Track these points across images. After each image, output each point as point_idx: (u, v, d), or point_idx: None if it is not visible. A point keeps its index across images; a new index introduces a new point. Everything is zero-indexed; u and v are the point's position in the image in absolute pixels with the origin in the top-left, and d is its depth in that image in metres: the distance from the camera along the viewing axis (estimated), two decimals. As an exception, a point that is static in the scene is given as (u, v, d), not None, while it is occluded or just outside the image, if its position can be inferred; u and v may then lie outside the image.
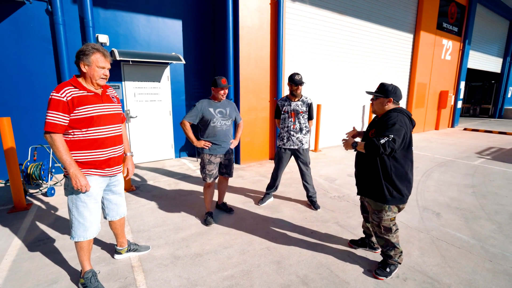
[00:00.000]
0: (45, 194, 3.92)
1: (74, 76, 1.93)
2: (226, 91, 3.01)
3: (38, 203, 3.68)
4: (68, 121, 1.82)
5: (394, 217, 2.21)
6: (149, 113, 5.67)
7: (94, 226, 2.03)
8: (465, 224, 3.19)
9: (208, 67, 6.19)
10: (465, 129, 11.43)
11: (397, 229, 2.23)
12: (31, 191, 4.02)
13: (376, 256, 2.55)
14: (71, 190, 1.91)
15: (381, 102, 2.17)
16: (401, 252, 2.28)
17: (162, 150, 5.99)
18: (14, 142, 3.35)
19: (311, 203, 3.65)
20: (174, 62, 5.43)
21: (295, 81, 3.32)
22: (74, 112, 1.82)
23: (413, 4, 8.98)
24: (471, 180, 4.76)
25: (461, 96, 12.19)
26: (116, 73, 5.13)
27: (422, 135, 9.93)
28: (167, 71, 5.72)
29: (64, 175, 1.96)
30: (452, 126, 12.03)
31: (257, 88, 5.76)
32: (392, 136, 1.93)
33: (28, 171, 3.75)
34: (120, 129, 2.14)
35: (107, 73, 1.98)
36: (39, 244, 2.73)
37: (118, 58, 4.60)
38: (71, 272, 2.32)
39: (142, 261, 2.48)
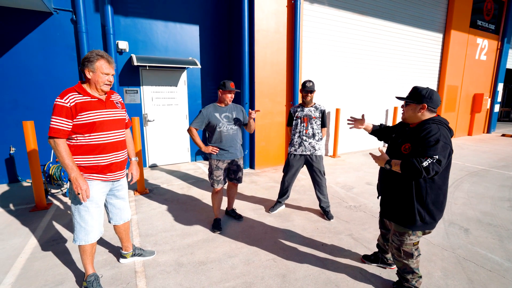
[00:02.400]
0: (64, 195, 4.10)
1: (79, 82, 1.96)
2: (233, 95, 2.96)
3: (58, 203, 3.85)
4: (71, 127, 1.85)
5: (418, 242, 1.95)
6: (166, 117, 5.78)
7: (95, 231, 2.04)
8: (499, 243, 2.84)
9: (225, 71, 6.21)
10: (503, 135, 10.46)
11: (419, 254, 1.98)
12: (53, 191, 4.22)
13: (391, 274, 2.33)
14: (73, 194, 1.94)
15: (413, 109, 1.84)
16: (420, 276, 2.03)
17: (178, 154, 6.08)
18: (37, 144, 3.53)
19: (324, 213, 3.47)
20: (191, 66, 5.51)
21: (305, 88, 3.23)
22: (77, 117, 1.85)
23: (443, 2, 8.43)
24: (508, 193, 4.29)
25: (499, 99, 11.21)
26: (135, 78, 5.30)
27: (453, 141, 9.23)
28: (184, 76, 5.81)
29: (68, 179, 1.99)
30: (488, 131, 11.07)
31: (273, 92, 5.66)
32: (437, 157, 1.62)
33: (50, 172, 3.94)
34: (123, 134, 2.15)
35: (112, 79, 2.00)
36: (52, 244, 2.82)
37: (135, 63, 4.74)
38: (77, 274, 2.35)
39: (146, 266, 2.47)
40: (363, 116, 2.43)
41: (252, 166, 5.79)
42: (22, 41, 4.37)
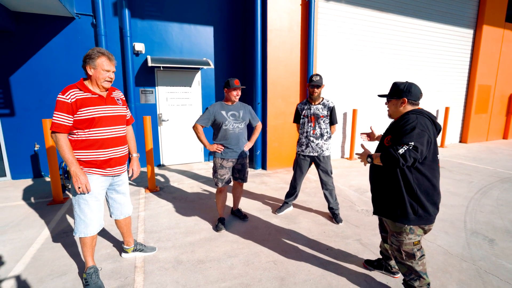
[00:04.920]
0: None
1: (82, 79, 2.02)
2: (239, 92, 2.93)
3: (74, 198, 4.03)
4: (72, 122, 1.91)
5: (419, 241, 1.84)
6: (180, 116, 5.89)
7: (95, 224, 2.09)
8: (528, 257, 2.55)
9: (238, 71, 6.21)
10: (544, 139, 9.52)
11: (422, 255, 1.86)
12: (70, 186, 4.42)
13: (399, 284, 2.16)
14: (74, 187, 1.99)
15: (395, 104, 1.91)
16: (428, 284, 1.87)
17: (191, 153, 6.16)
18: (55, 141, 3.72)
19: (333, 216, 3.32)
20: (205, 67, 5.57)
21: (311, 83, 3.10)
22: (77, 113, 1.90)
23: (474, -5, 7.87)
24: (544, 202, 3.86)
25: (540, 100, 10.21)
26: (150, 79, 5.46)
27: (485, 144, 8.54)
28: (198, 76, 5.89)
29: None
30: (527, 135, 10.12)
31: (286, 92, 5.57)
32: (412, 143, 1.60)
33: (67, 168, 4.13)
34: (124, 130, 2.18)
35: (112, 75, 2.04)
36: (63, 236, 2.94)
37: (150, 64, 4.88)
38: (80, 265, 2.42)
39: (146, 262, 2.49)
40: (371, 128, 2.42)
41: (264, 167, 5.72)
42: (48, 45, 4.66)
